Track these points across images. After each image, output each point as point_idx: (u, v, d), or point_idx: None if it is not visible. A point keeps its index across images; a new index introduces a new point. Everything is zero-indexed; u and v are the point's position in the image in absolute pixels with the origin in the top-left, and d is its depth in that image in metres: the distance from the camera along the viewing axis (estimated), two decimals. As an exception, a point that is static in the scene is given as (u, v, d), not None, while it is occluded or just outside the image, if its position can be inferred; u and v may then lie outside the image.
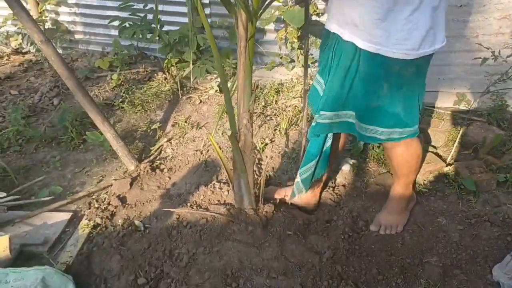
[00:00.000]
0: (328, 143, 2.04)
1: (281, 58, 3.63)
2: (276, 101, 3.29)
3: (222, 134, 2.95)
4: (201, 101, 3.39)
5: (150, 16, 3.44)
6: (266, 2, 1.63)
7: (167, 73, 3.70)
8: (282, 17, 3.34)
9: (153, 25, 3.39)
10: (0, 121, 3.26)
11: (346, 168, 2.52)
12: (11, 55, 4.42)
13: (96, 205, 2.39)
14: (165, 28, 3.60)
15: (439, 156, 2.53)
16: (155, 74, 3.79)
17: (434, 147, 2.65)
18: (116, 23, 3.47)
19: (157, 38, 3.39)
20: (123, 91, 3.53)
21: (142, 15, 3.43)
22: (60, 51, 4.48)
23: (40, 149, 2.96)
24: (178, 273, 1.95)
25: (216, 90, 3.48)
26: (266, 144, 2.83)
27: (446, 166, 2.41)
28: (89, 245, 2.15)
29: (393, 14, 1.54)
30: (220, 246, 2.02)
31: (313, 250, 2.02)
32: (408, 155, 1.94)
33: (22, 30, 4.37)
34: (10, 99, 3.57)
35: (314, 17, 3.48)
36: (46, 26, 4.37)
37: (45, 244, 2.17)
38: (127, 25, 3.42)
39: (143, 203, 2.41)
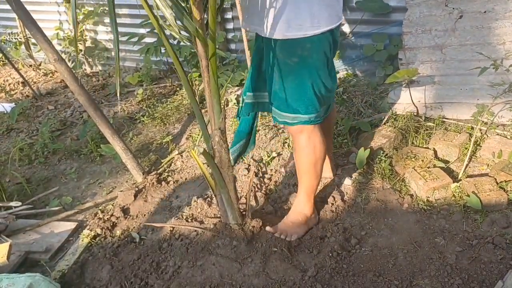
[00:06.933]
0: (256, 122, 2.26)
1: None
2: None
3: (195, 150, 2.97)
4: (218, 114, 3.43)
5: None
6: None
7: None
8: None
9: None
10: (34, 134, 3.50)
11: (347, 182, 2.44)
12: (55, 73, 4.71)
13: (100, 216, 2.48)
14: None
15: (449, 172, 2.37)
16: (180, 89, 3.89)
17: (447, 161, 2.49)
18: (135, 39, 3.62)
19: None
20: (145, 105, 3.66)
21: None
22: (99, 67, 4.75)
23: (63, 161, 3.13)
24: (161, 286, 1.97)
25: (234, 103, 3.50)
26: (273, 158, 2.80)
27: (454, 182, 2.25)
28: (86, 254, 2.23)
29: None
30: (204, 260, 2.03)
31: (298, 267, 1.98)
32: (309, 145, 2.01)
33: (65, 49, 4.68)
34: (46, 114, 3.82)
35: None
36: (86, 45, 4.65)
37: (47, 252, 2.29)
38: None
39: (145, 215, 2.48)
